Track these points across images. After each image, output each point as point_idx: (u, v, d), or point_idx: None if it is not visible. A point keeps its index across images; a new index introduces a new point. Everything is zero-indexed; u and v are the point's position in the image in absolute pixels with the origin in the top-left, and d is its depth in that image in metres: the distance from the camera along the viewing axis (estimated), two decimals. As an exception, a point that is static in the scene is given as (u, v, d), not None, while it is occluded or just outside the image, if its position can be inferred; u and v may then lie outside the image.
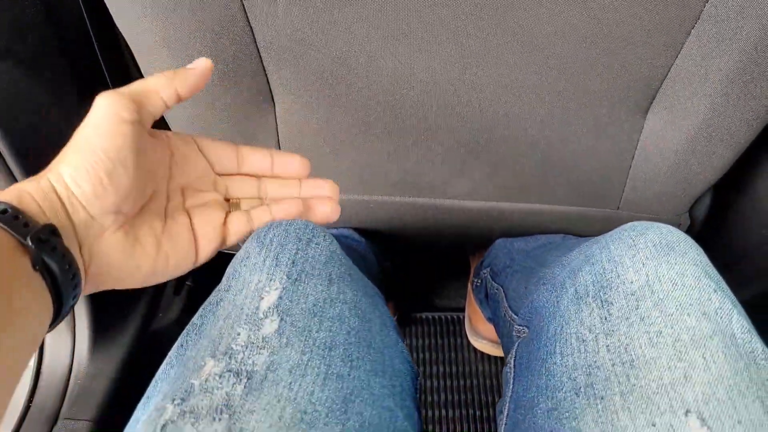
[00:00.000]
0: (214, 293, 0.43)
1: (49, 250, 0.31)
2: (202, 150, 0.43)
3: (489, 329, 0.92)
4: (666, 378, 0.36)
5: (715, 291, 0.39)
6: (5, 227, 0.30)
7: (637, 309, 0.40)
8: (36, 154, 0.56)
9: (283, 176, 0.45)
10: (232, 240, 0.43)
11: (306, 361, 0.37)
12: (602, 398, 0.37)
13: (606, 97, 0.53)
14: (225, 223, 0.43)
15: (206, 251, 0.42)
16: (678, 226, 0.68)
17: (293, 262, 0.42)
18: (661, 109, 0.54)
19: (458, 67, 0.50)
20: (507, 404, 0.50)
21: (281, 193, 0.45)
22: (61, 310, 0.33)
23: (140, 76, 0.54)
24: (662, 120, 0.55)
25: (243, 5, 0.46)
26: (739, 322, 0.38)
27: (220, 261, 0.46)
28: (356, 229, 0.76)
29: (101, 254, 0.35)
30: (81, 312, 0.68)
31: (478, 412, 0.89)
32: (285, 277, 0.40)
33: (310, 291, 0.41)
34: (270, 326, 0.38)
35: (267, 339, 0.37)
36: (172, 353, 0.40)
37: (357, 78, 0.52)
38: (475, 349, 0.97)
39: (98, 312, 0.69)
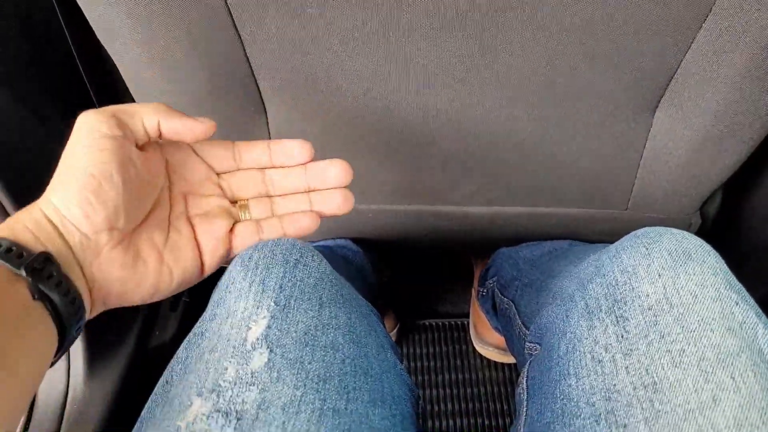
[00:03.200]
0: (198, 323, 0.41)
1: (45, 278, 0.31)
2: (198, 152, 0.42)
3: (495, 336, 0.89)
4: (693, 402, 0.33)
5: (738, 303, 0.37)
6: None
7: (655, 325, 0.37)
8: (17, 169, 0.54)
9: (285, 165, 0.43)
10: (238, 250, 0.42)
11: (299, 396, 0.35)
12: (625, 426, 0.35)
13: (612, 96, 0.51)
14: (232, 231, 0.42)
15: (211, 263, 0.41)
16: (689, 225, 0.66)
17: (281, 287, 0.39)
18: (670, 106, 0.52)
19: (458, 69, 0.48)
20: (521, 429, 0.47)
21: (286, 185, 0.43)
22: (65, 337, 0.33)
23: (125, 88, 0.52)
24: (671, 117, 0.53)
25: (230, 13, 0.44)
26: (765, 336, 0.36)
27: (219, 276, 0.44)
28: (354, 239, 0.74)
29: (102, 272, 0.35)
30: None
31: (486, 422, 0.87)
32: (273, 304, 0.38)
33: (300, 318, 0.39)
34: (259, 359, 0.36)
35: (256, 374, 0.35)
36: (157, 390, 0.38)
37: (351, 87, 0.50)
38: (481, 356, 0.94)
39: (93, 333, 0.67)
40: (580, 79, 0.49)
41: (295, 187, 0.43)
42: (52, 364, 0.33)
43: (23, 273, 0.30)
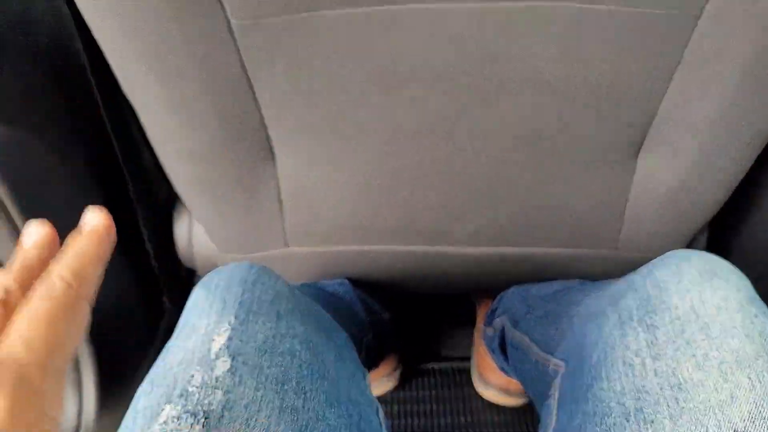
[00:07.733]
0: (167, 345, 0.45)
1: None
2: None
3: (499, 377, 0.91)
4: (713, 400, 0.37)
5: (757, 315, 0.41)
6: None
7: (683, 333, 0.41)
8: (44, 216, 0.57)
9: None
10: None
11: (260, 396, 0.39)
12: (652, 422, 0.38)
13: (595, 142, 0.55)
14: None
15: None
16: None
17: (240, 303, 0.44)
18: (650, 151, 0.56)
19: (452, 117, 0.52)
20: None
21: None
22: None
23: (142, 136, 0.56)
24: (653, 161, 0.57)
25: (243, 66, 0.48)
26: None
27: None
28: (354, 280, 0.76)
29: None
30: (87, 370, 0.68)
31: (488, 464, 0.88)
32: (233, 318, 0.42)
33: (259, 329, 0.43)
34: (222, 366, 0.39)
35: (220, 379, 0.39)
36: (128, 415, 0.40)
37: (355, 132, 0.54)
38: (483, 400, 0.96)
39: (104, 370, 0.69)
40: (565, 128, 0.53)
41: None
42: None
43: None
